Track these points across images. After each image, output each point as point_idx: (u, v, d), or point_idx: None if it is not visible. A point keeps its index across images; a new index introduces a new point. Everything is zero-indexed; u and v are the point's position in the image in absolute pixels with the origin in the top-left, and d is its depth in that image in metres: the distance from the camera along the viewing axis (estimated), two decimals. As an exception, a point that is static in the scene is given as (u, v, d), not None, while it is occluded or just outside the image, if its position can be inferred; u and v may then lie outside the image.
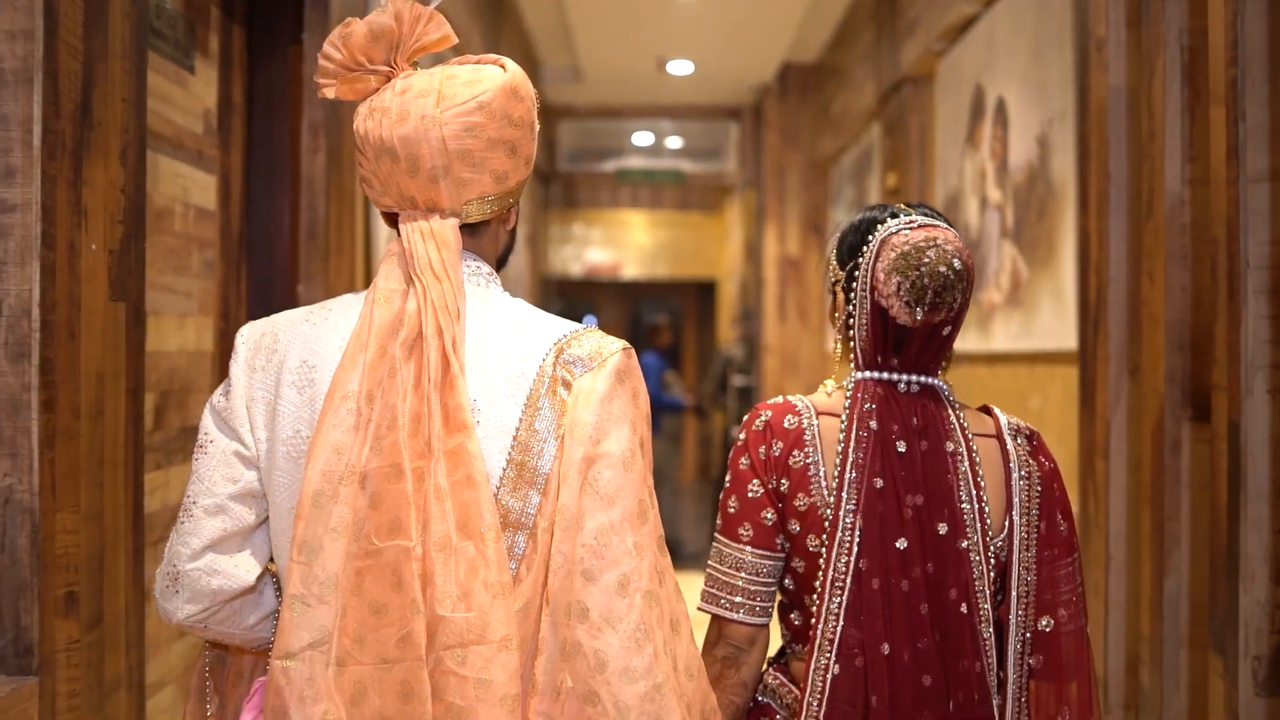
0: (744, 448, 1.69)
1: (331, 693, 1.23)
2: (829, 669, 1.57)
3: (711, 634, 1.70)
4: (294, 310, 1.44)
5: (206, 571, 1.34)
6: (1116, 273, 2.71)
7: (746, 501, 1.66)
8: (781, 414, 1.69)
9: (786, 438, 1.66)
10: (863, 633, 1.57)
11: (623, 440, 1.32)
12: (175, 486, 2.37)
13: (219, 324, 2.63)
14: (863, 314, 1.66)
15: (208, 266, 2.55)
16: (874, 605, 1.58)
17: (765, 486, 1.66)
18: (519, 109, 1.40)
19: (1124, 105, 2.71)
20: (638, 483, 1.31)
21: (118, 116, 1.69)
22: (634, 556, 1.27)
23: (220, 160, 2.62)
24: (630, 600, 1.25)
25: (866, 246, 1.67)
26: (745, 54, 7.32)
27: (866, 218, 1.72)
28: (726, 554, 1.67)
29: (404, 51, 1.40)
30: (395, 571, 1.23)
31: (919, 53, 4.88)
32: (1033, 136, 3.63)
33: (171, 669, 2.38)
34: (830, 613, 1.58)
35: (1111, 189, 2.72)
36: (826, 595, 1.58)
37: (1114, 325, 2.71)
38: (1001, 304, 3.94)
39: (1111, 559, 2.70)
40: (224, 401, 1.38)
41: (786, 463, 1.65)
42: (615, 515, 1.28)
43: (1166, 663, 2.43)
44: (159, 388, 2.29)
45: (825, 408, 1.69)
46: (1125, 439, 2.68)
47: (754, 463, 1.67)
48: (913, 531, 1.61)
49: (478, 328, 1.37)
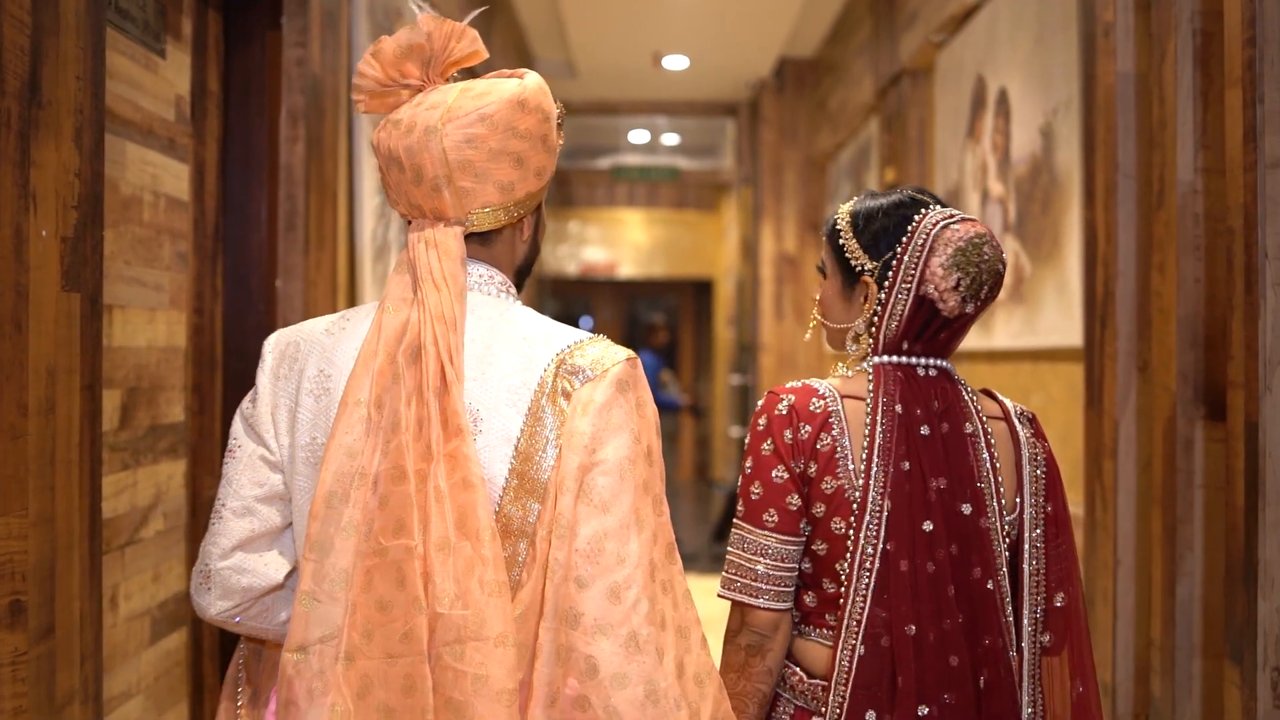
0: (766, 432, 1.66)
1: (340, 685, 1.28)
2: (855, 650, 1.59)
3: (734, 622, 1.68)
4: (319, 319, 1.51)
5: (236, 570, 1.43)
6: (1125, 266, 2.61)
7: (772, 487, 1.65)
8: (806, 397, 1.67)
9: (813, 420, 1.66)
10: (890, 614, 1.59)
11: (620, 448, 1.34)
12: (144, 488, 2.27)
13: (193, 319, 2.53)
14: (901, 303, 1.67)
15: (180, 259, 2.45)
16: (902, 587, 1.60)
17: (791, 471, 1.64)
18: (526, 121, 1.44)
19: (1132, 92, 2.61)
20: (635, 490, 1.33)
21: (71, 95, 1.59)
22: (629, 563, 1.29)
23: (193, 149, 2.52)
24: (623, 606, 1.28)
25: (907, 238, 1.67)
26: (741, 49, 7.23)
27: (892, 203, 1.72)
28: (750, 540, 1.66)
29: (436, 67, 1.46)
30: (399, 570, 1.28)
31: (918, 45, 4.78)
32: (1036, 127, 3.53)
33: (141, 678, 2.28)
34: (858, 594, 1.60)
35: (1119, 179, 2.62)
36: (854, 577, 1.60)
37: (1122, 320, 2.62)
38: (1003, 300, 3.84)
39: (1120, 563, 2.61)
40: (251, 408, 1.47)
41: (814, 446, 1.65)
42: (610, 522, 1.30)
43: (1179, 672, 2.33)
44: (126, 384, 2.19)
45: (848, 391, 1.69)
46: (1134, 439, 2.58)
47: (779, 447, 1.65)
48: (938, 513, 1.63)
49: (483, 337, 1.41)
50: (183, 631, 2.48)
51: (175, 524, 2.43)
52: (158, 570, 2.35)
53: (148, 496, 2.29)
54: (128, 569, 2.22)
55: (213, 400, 2.60)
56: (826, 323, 1.79)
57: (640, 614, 1.28)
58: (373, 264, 3.50)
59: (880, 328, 1.69)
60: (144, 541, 2.29)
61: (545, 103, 1.48)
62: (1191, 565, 2.32)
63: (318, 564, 1.31)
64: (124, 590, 2.20)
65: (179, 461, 2.45)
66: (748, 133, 8.46)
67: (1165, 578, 2.39)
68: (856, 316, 1.73)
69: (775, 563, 1.64)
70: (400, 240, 3.87)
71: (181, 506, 2.47)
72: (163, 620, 2.38)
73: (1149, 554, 2.50)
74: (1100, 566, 2.70)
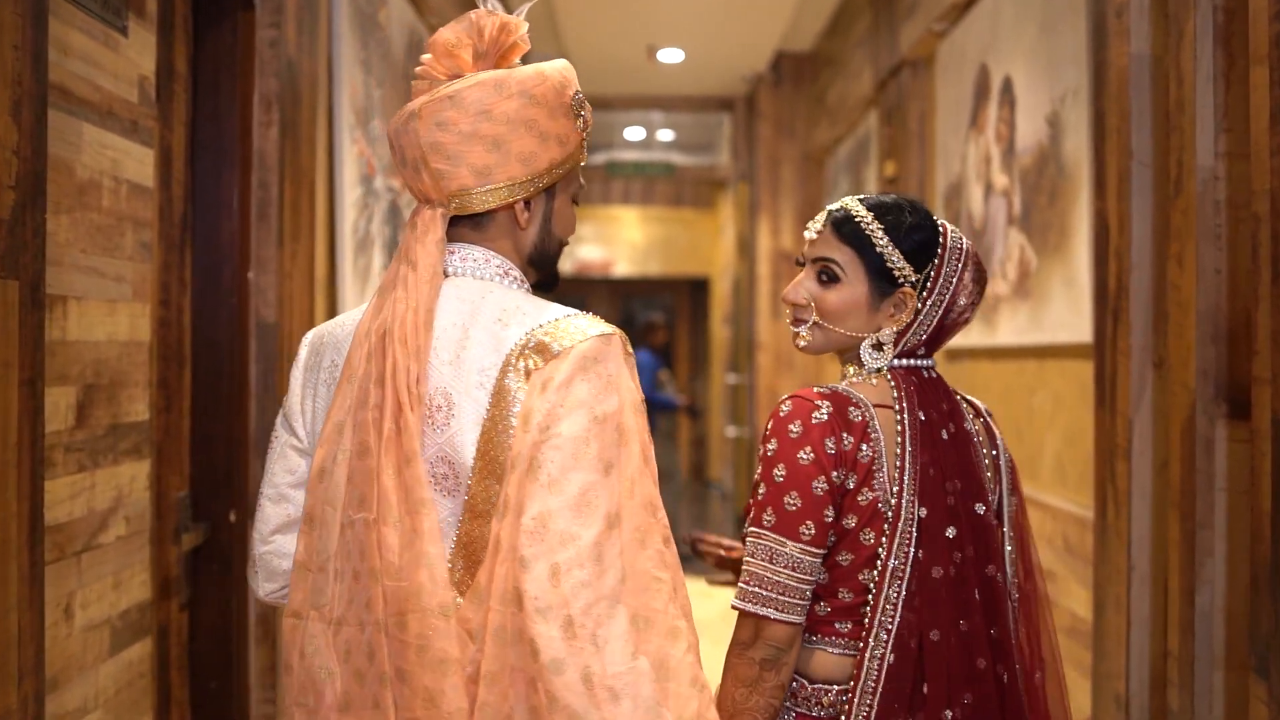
0: (803, 439, 1.59)
1: (330, 649, 1.35)
2: (885, 659, 1.58)
3: (746, 634, 1.61)
4: (351, 311, 1.57)
5: (276, 554, 1.50)
6: (1139, 257, 2.49)
7: (811, 498, 1.58)
8: (844, 405, 1.63)
9: (854, 431, 1.62)
10: (919, 620, 1.60)
11: (575, 425, 1.32)
12: (103, 490, 2.14)
13: (158, 312, 2.40)
14: (934, 314, 1.69)
15: (144, 249, 2.32)
16: (932, 593, 1.60)
17: (830, 483, 1.59)
18: (504, 105, 1.44)
19: (1147, 75, 2.49)
20: (591, 469, 1.31)
21: (8, 66, 1.47)
22: (574, 545, 1.26)
23: (159, 133, 2.39)
24: (563, 590, 1.25)
25: (941, 249, 1.70)
26: (738, 42, 7.11)
27: (923, 213, 1.73)
28: (781, 553, 1.59)
29: (488, 59, 1.50)
30: (361, 541, 1.34)
31: (919, 34, 4.66)
32: (1042, 116, 3.41)
33: (100, 692, 2.15)
34: (888, 603, 1.59)
35: (1133, 166, 2.50)
36: (884, 586, 1.59)
37: (1136, 315, 2.49)
38: (1008, 295, 3.72)
39: (1134, 569, 2.48)
40: (286, 401, 1.55)
41: (856, 457, 1.61)
42: (556, 502, 1.28)
43: (1198, 685, 2.21)
44: (83, 381, 2.06)
45: (876, 399, 1.66)
46: (1150, 438, 2.46)
47: (819, 457, 1.59)
48: (960, 517, 1.64)
49: (462, 320, 1.42)
50: (147, 641, 2.35)
51: (139, 528, 2.30)
52: (119, 577, 2.22)
53: (107, 499, 2.17)
54: (85, 576, 2.09)
55: (181, 397, 2.47)
56: (837, 329, 1.70)
57: (581, 600, 1.24)
58: (354, 257, 3.37)
59: (906, 336, 1.69)
60: (103, 547, 2.16)
61: (538, 88, 1.46)
62: (1212, 572, 2.19)
63: (309, 535, 1.39)
64: (80, 599, 2.07)
65: (143, 462, 2.32)
66: (744, 128, 8.35)
67: (1184, 585, 2.27)
68: (880, 325, 1.69)
69: (803, 576, 1.59)
70: (383, 233, 3.75)
71: (146, 509, 2.34)
72: (124, 630, 2.25)
73: (1165, 560, 2.38)
74: (1113, 572, 2.58)
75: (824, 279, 1.69)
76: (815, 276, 1.70)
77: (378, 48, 3.65)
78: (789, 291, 1.72)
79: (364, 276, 3.46)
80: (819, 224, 1.72)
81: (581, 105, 1.53)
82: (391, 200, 3.84)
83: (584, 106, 1.54)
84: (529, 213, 1.53)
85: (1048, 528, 3.33)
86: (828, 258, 1.69)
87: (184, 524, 2.49)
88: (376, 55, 3.64)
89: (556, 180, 1.52)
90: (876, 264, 1.67)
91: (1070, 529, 3.15)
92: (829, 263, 1.69)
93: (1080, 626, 3.06)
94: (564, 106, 1.50)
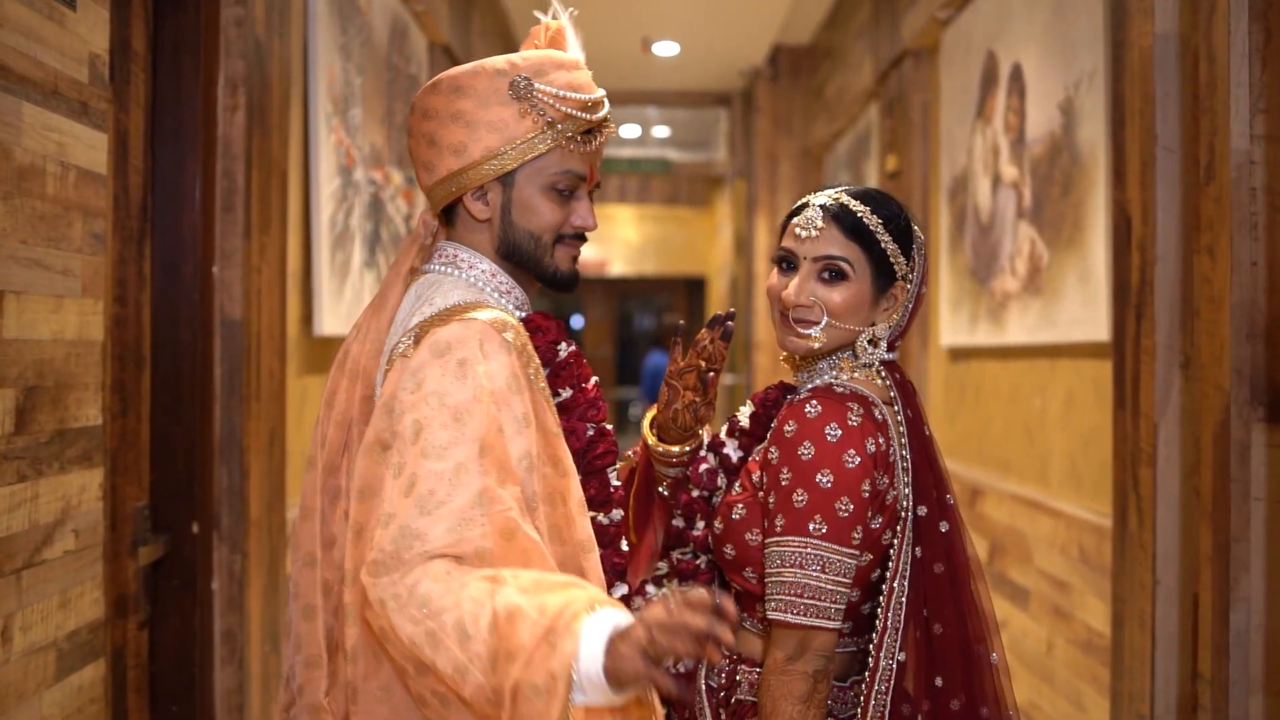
0: (845, 443, 1.56)
1: (313, 589, 1.55)
2: (896, 658, 1.59)
3: (790, 648, 1.56)
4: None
5: None
6: (1165, 249, 2.33)
7: (861, 502, 1.56)
8: (867, 405, 1.61)
9: (885, 430, 1.61)
10: (932, 615, 1.61)
11: (378, 417, 1.42)
12: (48, 501, 1.97)
13: (112, 309, 2.23)
14: (912, 303, 1.70)
15: (95, 240, 2.15)
16: (939, 590, 1.61)
17: (874, 485, 1.58)
18: (435, 101, 1.53)
19: (1173, 54, 2.33)
20: (369, 456, 1.41)
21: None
22: (392, 521, 1.34)
23: (114, 115, 2.22)
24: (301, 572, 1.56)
25: (917, 242, 1.70)
26: (734, 35, 6.95)
27: (899, 201, 1.72)
28: (834, 561, 1.55)
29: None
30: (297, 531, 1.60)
31: (922, 23, 4.49)
32: (1055, 103, 3.25)
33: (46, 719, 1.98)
34: (897, 602, 1.59)
35: (1158, 152, 2.34)
36: (894, 585, 1.59)
37: (1162, 311, 2.33)
38: (1017, 292, 3.56)
39: (1159, 584, 2.32)
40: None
41: (888, 457, 1.61)
42: (394, 489, 1.37)
43: (1233, 709, 2.05)
44: (23, 382, 1.89)
45: (880, 396, 1.65)
46: (1177, 443, 2.30)
47: (864, 460, 1.56)
48: (947, 510, 1.65)
49: (402, 316, 1.52)
50: (99, 664, 2.17)
51: (90, 542, 2.13)
52: (66, 596, 2.05)
53: (53, 511, 1.99)
54: (26, 596, 1.92)
55: (139, 400, 2.31)
56: (845, 327, 1.66)
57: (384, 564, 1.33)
58: (332, 252, 3.20)
59: (896, 327, 1.69)
60: (48, 563, 1.99)
61: (470, 79, 1.51)
62: (1248, 589, 2.03)
63: (306, 522, 1.57)
64: (21, 620, 1.90)
65: (94, 470, 2.15)
66: (741, 123, 8.19)
67: (1216, 602, 2.10)
68: (874, 320, 1.68)
69: (849, 581, 1.57)
70: (364, 227, 3.58)
71: (98, 521, 2.16)
72: (73, 653, 2.08)
73: (1195, 574, 2.22)
74: (1136, 587, 2.42)
75: (827, 277, 1.65)
76: (816, 275, 1.65)
77: (358, 33, 3.49)
78: (791, 293, 1.66)
79: (342, 272, 3.29)
80: (817, 221, 1.66)
81: (527, 89, 1.51)
82: (374, 193, 3.67)
83: (531, 89, 1.52)
84: (485, 205, 1.56)
85: (1061, 535, 3.17)
86: (835, 255, 1.64)
87: (142, 536, 2.32)
88: (357, 41, 3.48)
89: (508, 168, 1.53)
90: (879, 259, 1.65)
91: (1086, 538, 2.99)
92: (836, 260, 1.64)
93: (1097, 641, 2.90)
94: (498, 93, 1.51)
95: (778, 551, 1.56)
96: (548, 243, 1.59)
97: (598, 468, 1.61)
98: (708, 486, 1.77)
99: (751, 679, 1.67)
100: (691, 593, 1.25)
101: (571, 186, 1.60)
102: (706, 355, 1.78)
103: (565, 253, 1.63)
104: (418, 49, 4.36)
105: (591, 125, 1.61)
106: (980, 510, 3.87)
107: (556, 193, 1.58)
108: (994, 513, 3.73)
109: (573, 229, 1.62)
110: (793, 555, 1.55)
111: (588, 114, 1.60)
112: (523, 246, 1.58)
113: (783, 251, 1.70)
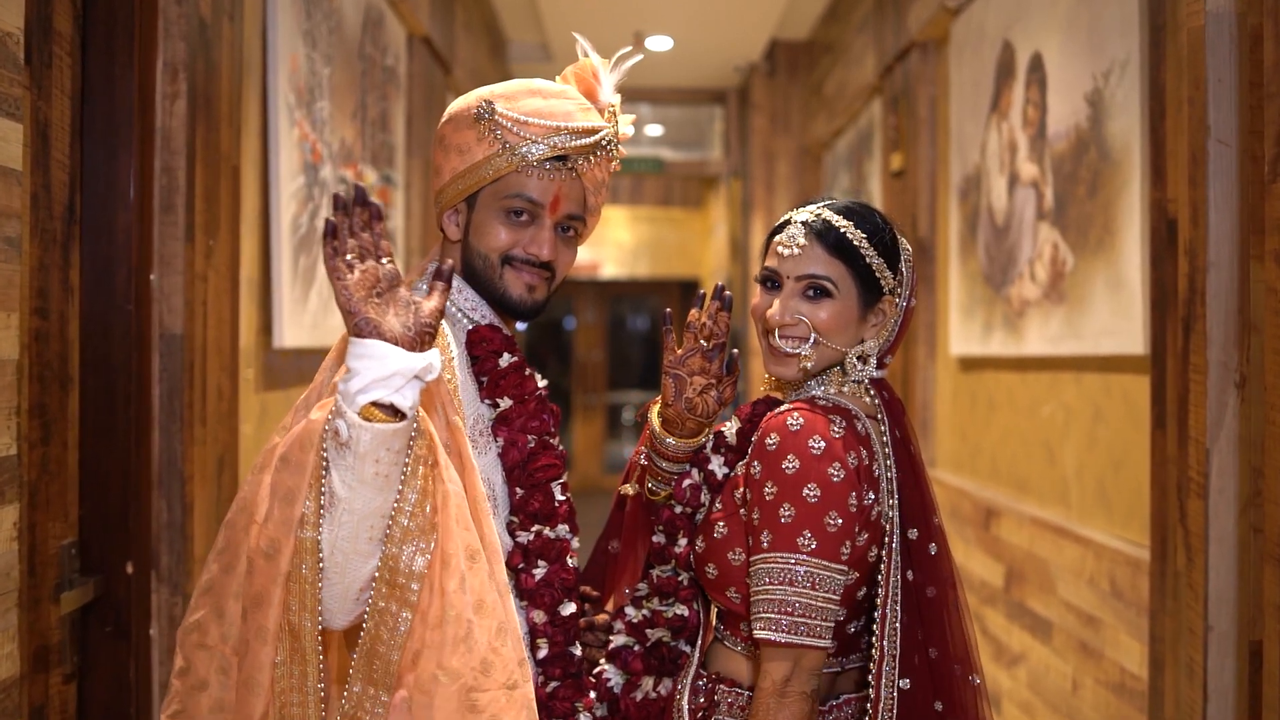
0: (828, 456, 1.53)
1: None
2: (896, 684, 1.56)
3: (783, 670, 1.51)
4: None
5: None
6: (1218, 255, 2.08)
7: (849, 516, 1.53)
8: (851, 419, 1.59)
9: (867, 445, 1.59)
10: (926, 639, 1.59)
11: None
12: (-53, 546, 1.71)
13: (33, 322, 1.97)
14: (901, 318, 1.68)
15: (9, 245, 1.89)
16: (935, 614, 1.60)
17: (860, 500, 1.55)
18: (438, 128, 1.65)
19: (1227, 36, 2.08)
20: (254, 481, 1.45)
21: None
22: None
23: (32, 104, 1.96)
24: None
25: (905, 256, 1.68)
26: (730, 31, 6.70)
27: (883, 214, 1.69)
28: (824, 578, 1.51)
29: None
30: None
31: (930, 13, 4.24)
32: (1081, 95, 2.99)
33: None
34: (892, 627, 1.56)
35: (1210, 146, 2.09)
36: (889, 608, 1.56)
37: (1215, 324, 2.08)
38: (1038, 299, 3.30)
39: (1212, 629, 2.07)
40: None
41: (871, 471, 1.59)
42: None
43: (1306, 781, 1.80)
44: (-87, 411, 1.63)
45: (867, 410, 1.64)
46: (1234, 473, 2.05)
47: (849, 473, 1.54)
48: (935, 532, 1.63)
49: None
50: (14, 727, 1.91)
51: (4, 588, 1.87)
52: (-30, 653, 1.79)
53: (-46, 556, 1.74)
54: (-83, 657, 1.66)
55: (64, 426, 2.04)
56: (832, 345, 1.64)
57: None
58: (294, 256, 2.94)
59: (886, 342, 1.67)
60: (-53, 617, 1.73)
61: (459, 106, 1.62)
62: (1323, 643, 1.78)
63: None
64: (-89, 686, 1.64)
65: (8, 506, 1.88)
66: (737, 121, 7.94)
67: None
68: (863, 336, 1.66)
69: (839, 598, 1.53)
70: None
71: (13, 564, 1.90)
72: (-19, 717, 1.82)
73: (1256, 622, 1.97)
74: (1182, 631, 2.17)
75: (812, 295, 1.64)
76: (801, 294, 1.64)
77: (325, 19, 3.22)
78: (776, 313, 1.65)
79: (307, 278, 3.03)
80: (799, 239, 1.64)
81: (489, 112, 1.56)
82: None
83: (492, 113, 1.56)
84: (456, 226, 1.65)
85: (1089, 566, 2.91)
86: (818, 274, 1.63)
87: (67, 579, 2.06)
88: (324, 28, 3.21)
89: (469, 190, 1.60)
90: (865, 275, 1.63)
91: (1119, 570, 2.73)
92: (820, 279, 1.63)
93: (1131, 684, 2.65)
94: (467, 118, 1.59)
95: (765, 569, 1.52)
96: (495, 263, 1.61)
97: (540, 480, 1.61)
98: (691, 503, 1.72)
99: (730, 700, 1.64)
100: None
101: (524, 210, 1.60)
102: (707, 333, 1.76)
103: (515, 277, 1.62)
104: (395, 40, 4.10)
105: (563, 152, 1.59)
106: (996, 533, 3.61)
107: (507, 215, 1.60)
108: (1012, 536, 3.48)
109: (524, 253, 1.61)
110: (781, 572, 1.51)
111: (554, 139, 1.58)
112: (476, 267, 1.63)
113: (766, 271, 1.69)
